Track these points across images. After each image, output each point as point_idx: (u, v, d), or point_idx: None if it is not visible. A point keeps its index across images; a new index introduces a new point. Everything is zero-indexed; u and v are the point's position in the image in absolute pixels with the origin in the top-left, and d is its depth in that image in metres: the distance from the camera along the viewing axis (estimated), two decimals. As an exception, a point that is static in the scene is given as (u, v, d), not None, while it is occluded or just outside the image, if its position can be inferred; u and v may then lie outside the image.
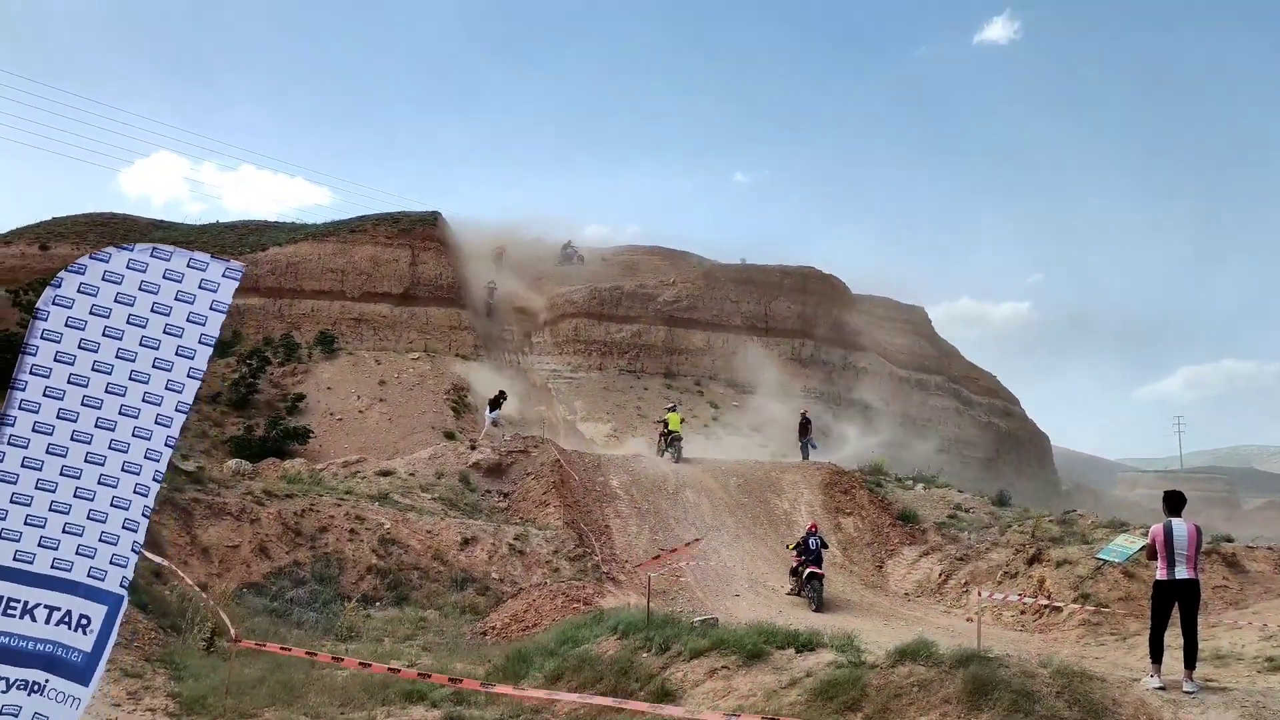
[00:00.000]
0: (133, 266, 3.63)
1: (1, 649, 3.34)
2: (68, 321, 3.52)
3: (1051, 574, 18.96)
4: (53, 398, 3.48)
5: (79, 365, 3.51)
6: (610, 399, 47.66)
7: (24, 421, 3.44)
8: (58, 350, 3.49)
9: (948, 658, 9.46)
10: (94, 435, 3.51)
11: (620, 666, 12.07)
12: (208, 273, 3.73)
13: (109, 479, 3.52)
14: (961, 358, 75.11)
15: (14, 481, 3.40)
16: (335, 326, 47.46)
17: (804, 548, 21.18)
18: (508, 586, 19.76)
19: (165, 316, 3.65)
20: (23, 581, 3.38)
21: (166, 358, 3.64)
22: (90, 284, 3.57)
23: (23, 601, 3.37)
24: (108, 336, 3.56)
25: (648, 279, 59.05)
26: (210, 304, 3.74)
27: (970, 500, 27.50)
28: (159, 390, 3.63)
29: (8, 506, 3.39)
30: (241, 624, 14.00)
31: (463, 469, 25.96)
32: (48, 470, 3.45)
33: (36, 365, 3.48)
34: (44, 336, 3.50)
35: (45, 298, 3.51)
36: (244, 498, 19.66)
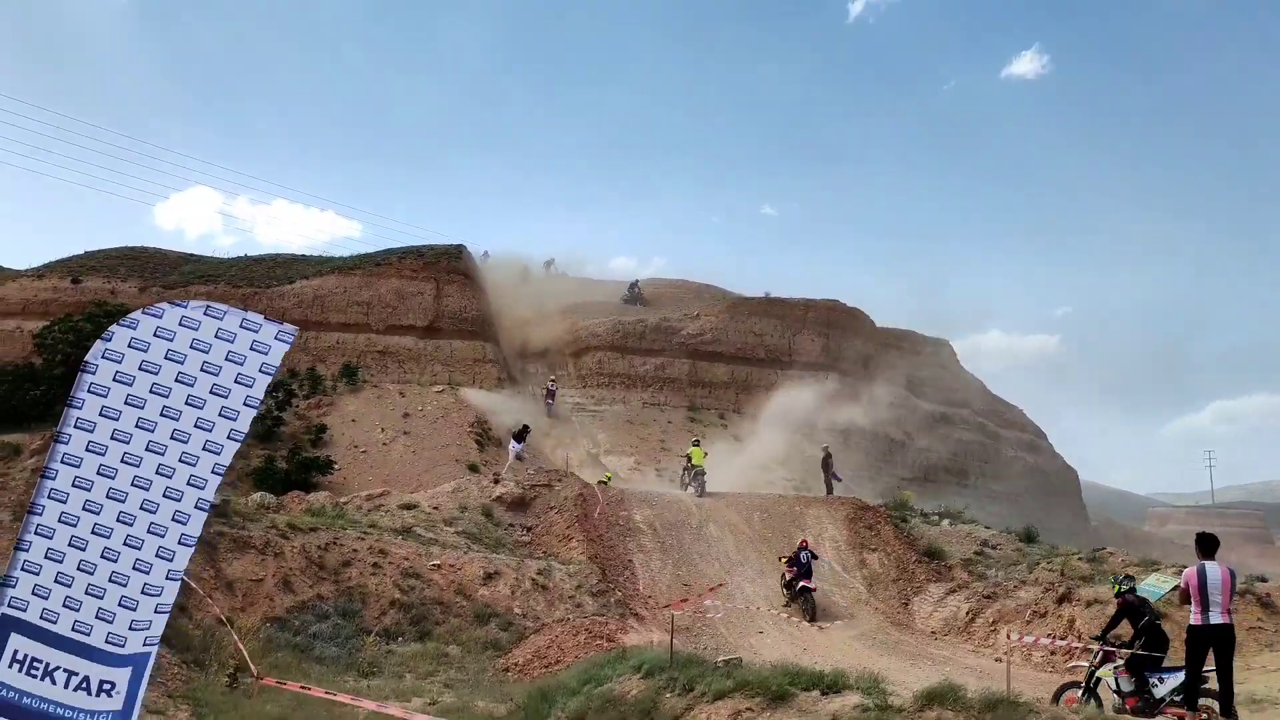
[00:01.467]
0: (185, 324, 3.56)
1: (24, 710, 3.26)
2: (116, 376, 3.46)
3: (1082, 613, 18.64)
4: (95, 453, 3.40)
5: (123, 421, 3.43)
6: (634, 432, 47.60)
7: (65, 475, 3.39)
8: (104, 405, 3.43)
9: (976, 702, 9.30)
10: (129, 494, 3.43)
11: (643, 708, 11.95)
12: (259, 334, 3.66)
13: (134, 540, 3.44)
14: (987, 391, 74.58)
15: (50, 536, 3.34)
16: (360, 359, 47.74)
17: (795, 561, 22.48)
18: (530, 622, 19.65)
19: (214, 377, 3.57)
20: (45, 641, 3.31)
21: (209, 418, 3.56)
22: (141, 339, 3.50)
23: (45, 663, 3.30)
24: (154, 394, 3.48)
25: (671, 312, 59.13)
26: (260, 366, 3.66)
27: (997, 536, 27.18)
28: (196, 451, 3.55)
29: (42, 562, 3.32)
30: (264, 658, 13.99)
31: (486, 502, 25.93)
32: (81, 527, 3.38)
33: (81, 419, 3.41)
34: (91, 390, 3.44)
35: (95, 351, 3.46)
36: (268, 531, 19.69)
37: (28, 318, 45.96)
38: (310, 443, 39.45)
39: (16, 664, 3.26)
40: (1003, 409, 74.20)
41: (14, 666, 3.25)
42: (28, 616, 3.28)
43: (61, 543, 3.35)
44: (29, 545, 3.33)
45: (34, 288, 48.58)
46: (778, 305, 61.51)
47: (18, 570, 3.28)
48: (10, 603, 3.28)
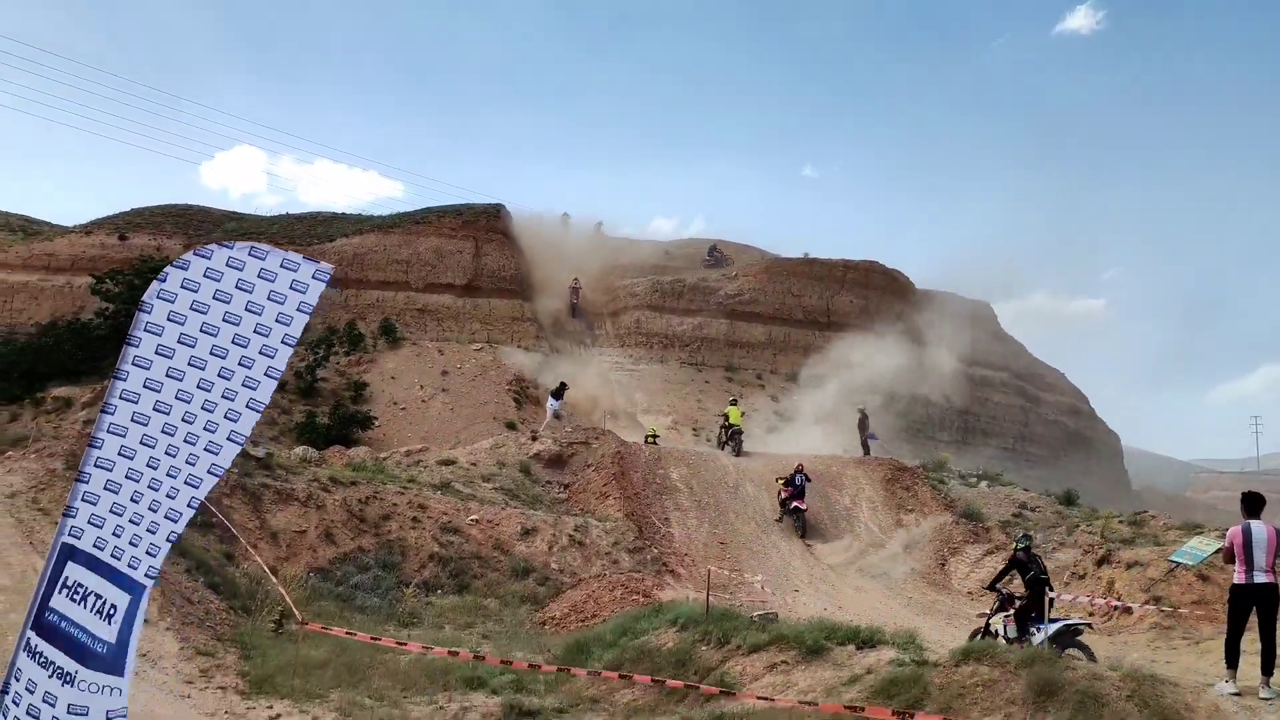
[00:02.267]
0: (231, 264, 3.64)
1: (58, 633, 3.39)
2: (169, 315, 3.56)
3: (1121, 576, 18.53)
4: (151, 389, 3.52)
5: (176, 359, 3.55)
6: (671, 391, 47.61)
7: (124, 411, 3.50)
8: (159, 343, 3.54)
9: (1013, 658, 9.30)
10: (179, 428, 3.54)
11: (679, 659, 12.09)
12: (299, 273, 3.72)
13: (174, 470, 3.55)
14: (1028, 354, 73.67)
15: (109, 469, 3.46)
16: (399, 317, 48.04)
17: (791, 482, 24.70)
18: (567, 577, 19.85)
19: (256, 316, 3.66)
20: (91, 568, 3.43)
21: (251, 355, 3.65)
22: (192, 280, 3.59)
23: (85, 588, 3.43)
24: (204, 332, 3.59)
25: (709, 272, 58.84)
26: (298, 305, 3.74)
27: (1036, 499, 26.99)
28: (237, 387, 3.64)
29: (100, 493, 3.45)
30: (308, 607, 14.29)
31: (524, 459, 26.13)
32: (138, 460, 3.49)
33: (139, 356, 3.53)
34: (147, 329, 3.54)
35: (151, 291, 3.55)
36: (311, 484, 20.01)
37: (77, 273, 46.67)
38: (350, 399, 39.90)
39: (67, 590, 3.41)
40: (1043, 372, 73.31)
41: (63, 593, 3.40)
42: (82, 545, 3.43)
43: (120, 475, 3.46)
44: (89, 477, 3.46)
45: (82, 244, 49.29)
46: (816, 266, 60.97)
47: (78, 501, 3.42)
48: (70, 531, 3.44)
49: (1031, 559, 13.13)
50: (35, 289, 46.99)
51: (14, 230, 53.08)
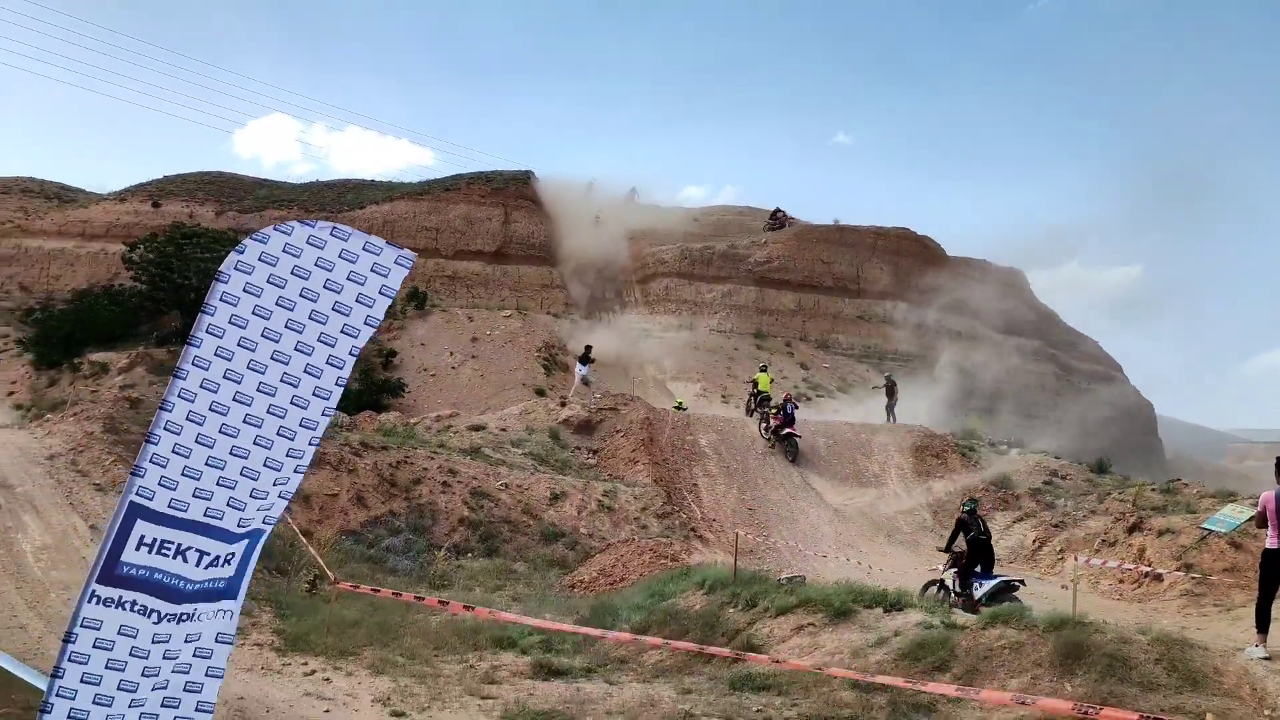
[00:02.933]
0: (312, 242, 3.72)
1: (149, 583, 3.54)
2: (246, 287, 3.63)
3: (1152, 543, 18.39)
4: (222, 358, 3.61)
5: (250, 330, 3.63)
6: (700, 358, 47.58)
7: (194, 377, 3.59)
8: (233, 313, 3.61)
9: (1041, 621, 9.29)
10: (254, 398, 3.64)
11: (706, 620, 12.17)
12: (380, 257, 3.82)
13: (263, 440, 3.67)
14: (1061, 322, 72.95)
15: (178, 433, 3.56)
16: (429, 284, 48.27)
17: (782, 410, 26.42)
18: (596, 542, 19.99)
19: (336, 294, 3.74)
20: (175, 526, 3.56)
21: (331, 333, 3.75)
22: (270, 253, 3.67)
23: (175, 544, 3.57)
24: (280, 306, 3.67)
25: (739, 239, 58.58)
26: (379, 288, 3.83)
27: (1067, 467, 26.80)
28: (320, 363, 3.75)
29: (169, 456, 3.55)
30: (340, 568, 14.49)
31: (553, 425, 26.25)
32: (208, 426, 3.59)
33: (213, 325, 3.60)
34: (223, 299, 3.61)
35: (229, 261, 3.62)
36: (342, 448, 20.22)
37: (111, 240, 47.22)
38: (381, 365, 40.23)
39: (145, 546, 3.53)
40: (1077, 340, 72.59)
41: (142, 549, 3.52)
42: (154, 505, 3.53)
43: (189, 439, 3.56)
44: (158, 439, 3.57)
45: (116, 211, 49.82)
46: (847, 233, 60.53)
47: (146, 462, 3.54)
48: (138, 491, 3.53)
49: (975, 520, 14.74)
50: (71, 256, 47.59)
51: (49, 198, 53.67)
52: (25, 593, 11.52)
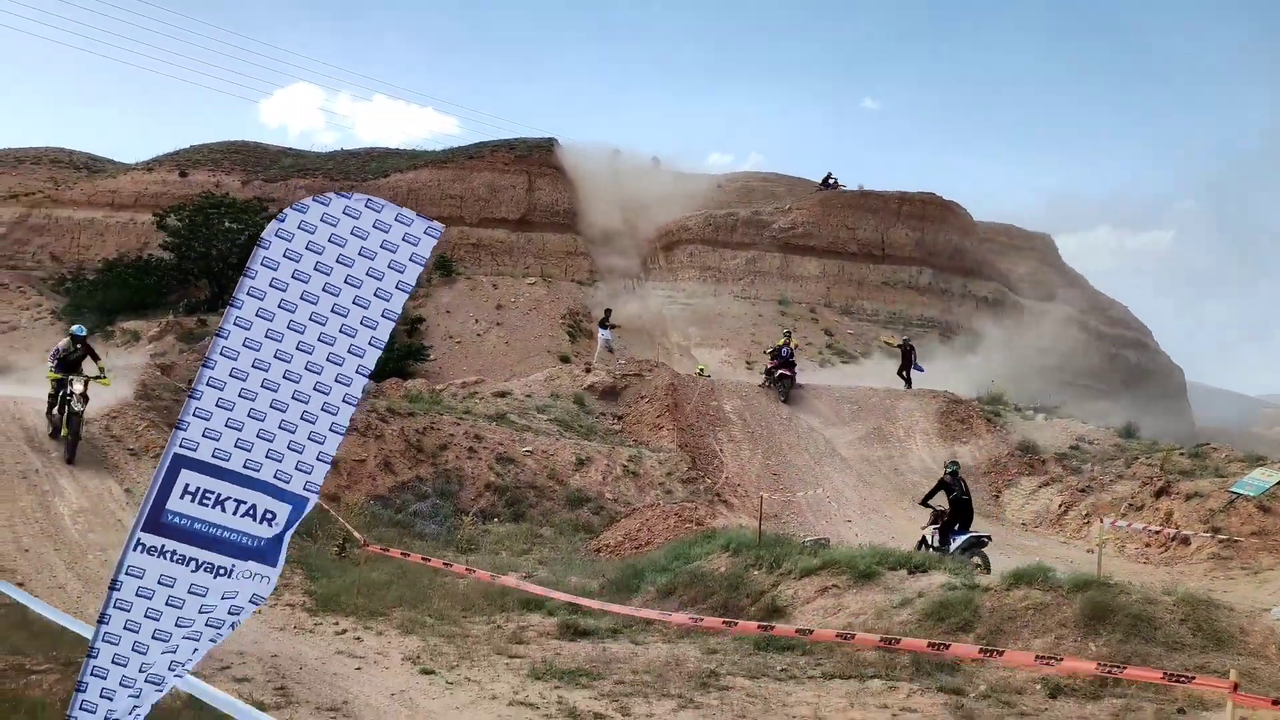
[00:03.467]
0: (348, 213, 3.94)
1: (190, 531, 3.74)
2: (285, 252, 3.83)
3: (1180, 507, 18.31)
4: (263, 318, 3.81)
5: (290, 292, 3.84)
6: (724, 325, 47.52)
7: (236, 336, 3.79)
8: (274, 277, 3.82)
9: (1065, 582, 9.32)
10: (294, 356, 3.87)
11: (731, 582, 12.27)
12: (412, 228, 4.05)
13: (301, 395, 3.89)
14: (1089, 287, 72.26)
15: (221, 388, 3.77)
16: (453, 252, 48.34)
17: (778, 354, 27.94)
18: (621, 506, 20.13)
19: (370, 261, 3.96)
20: (217, 476, 3.77)
21: (366, 296, 3.96)
22: (309, 222, 3.89)
23: (216, 494, 3.77)
24: (318, 271, 3.88)
25: (763, 205, 58.24)
26: (410, 255, 4.05)
27: (1094, 432, 26.65)
28: (355, 325, 3.96)
29: (213, 409, 3.76)
30: (368, 533, 14.69)
31: (577, 391, 26.35)
32: (250, 381, 3.81)
33: (254, 288, 3.80)
34: (264, 263, 3.81)
35: (269, 229, 3.84)
36: (369, 415, 20.42)
37: (140, 210, 47.56)
38: (406, 333, 40.46)
39: (189, 495, 3.74)
40: (1105, 305, 71.90)
41: (186, 498, 3.74)
42: (199, 455, 3.74)
43: (231, 393, 3.78)
44: (200, 394, 3.76)
45: (144, 180, 50.14)
46: (871, 198, 60.01)
47: (189, 416, 3.76)
48: (182, 444, 3.73)
49: (956, 482, 16.09)
50: (100, 226, 48.00)
51: (78, 168, 54.05)
52: (64, 554, 11.78)
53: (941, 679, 8.71)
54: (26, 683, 6.99)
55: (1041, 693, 8.31)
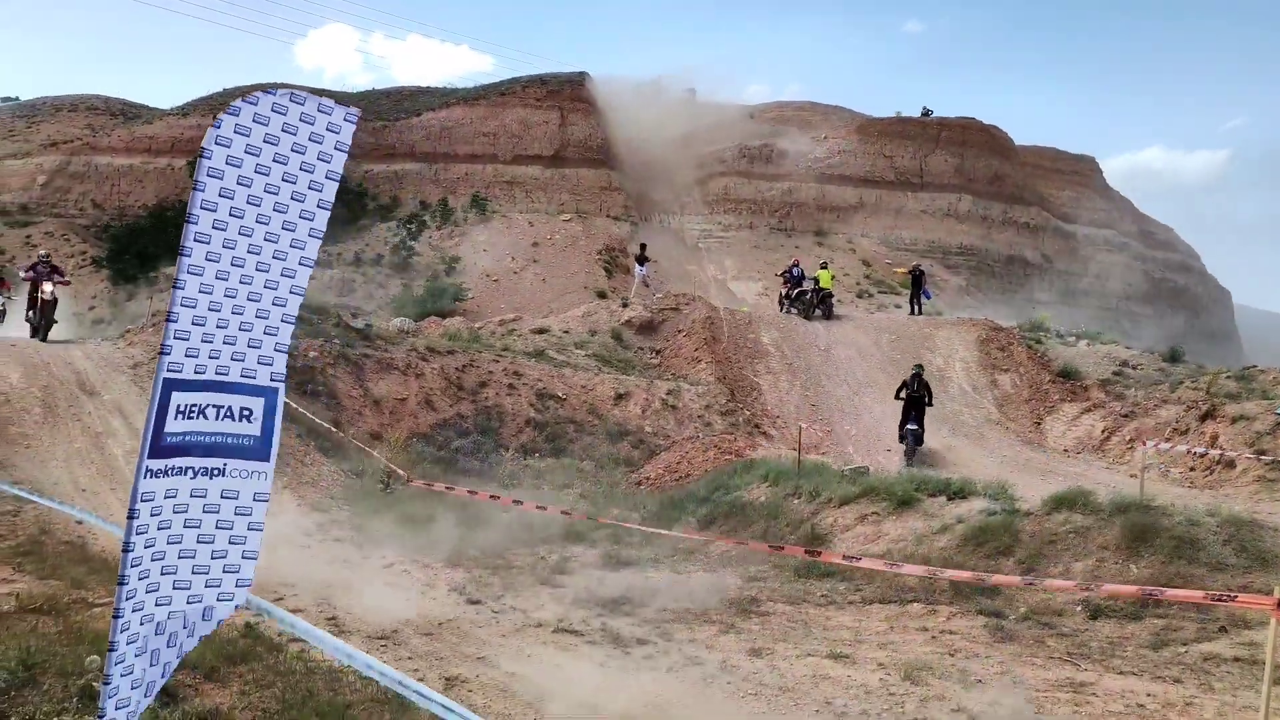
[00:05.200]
0: (275, 109, 4.01)
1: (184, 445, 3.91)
2: (227, 159, 3.90)
3: (1226, 430, 18.09)
4: (219, 229, 3.91)
5: (237, 199, 3.94)
6: (761, 257, 47.25)
7: (198, 252, 3.88)
8: (221, 186, 3.89)
9: (1107, 506, 9.29)
10: (246, 260, 4.00)
11: (770, 511, 12.36)
12: (333, 116, 4.15)
13: (254, 295, 4.05)
14: (1135, 210, 70.82)
15: (194, 305, 3.89)
16: (488, 190, 48.32)
17: (789, 277, 29.35)
18: (660, 440, 20.25)
19: (301, 155, 4.09)
20: (198, 389, 3.95)
21: (302, 191, 4.11)
22: (244, 125, 3.94)
23: (198, 405, 3.94)
24: (258, 173, 3.98)
25: (798, 135, 57.45)
26: (335, 144, 4.17)
27: (1138, 357, 26.29)
28: (295, 219, 4.11)
29: (190, 329, 3.89)
30: (411, 470, 14.94)
31: (615, 326, 26.39)
32: (216, 293, 3.94)
33: (205, 200, 3.86)
34: (209, 174, 3.87)
35: (208, 137, 3.88)
36: (409, 354, 20.61)
37: (176, 155, 47.93)
38: (444, 272, 40.63)
39: (181, 414, 3.92)
40: (1152, 229, 70.49)
41: (179, 418, 3.91)
42: (183, 375, 3.90)
43: (203, 309, 3.92)
44: (177, 316, 3.88)
45: (179, 125, 50.40)
46: (909, 125, 58.97)
47: (170, 339, 3.90)
48: (169, 368, 3.87)
49: (913, 381, 19.36)
50: (139, 172, 48.42)
51: (114, 115, 54.40)
52: (119, 494, 12.10)
53: (981, 602, 8.77)
54: (90, 615, 7.25)
55: (1082, 614, 8.34)
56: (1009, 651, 7.66)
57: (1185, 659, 7.35)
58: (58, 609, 7.20)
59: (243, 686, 5.98)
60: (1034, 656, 7.53)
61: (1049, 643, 7.86)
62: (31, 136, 51.77)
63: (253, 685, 6.03)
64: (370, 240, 43.39)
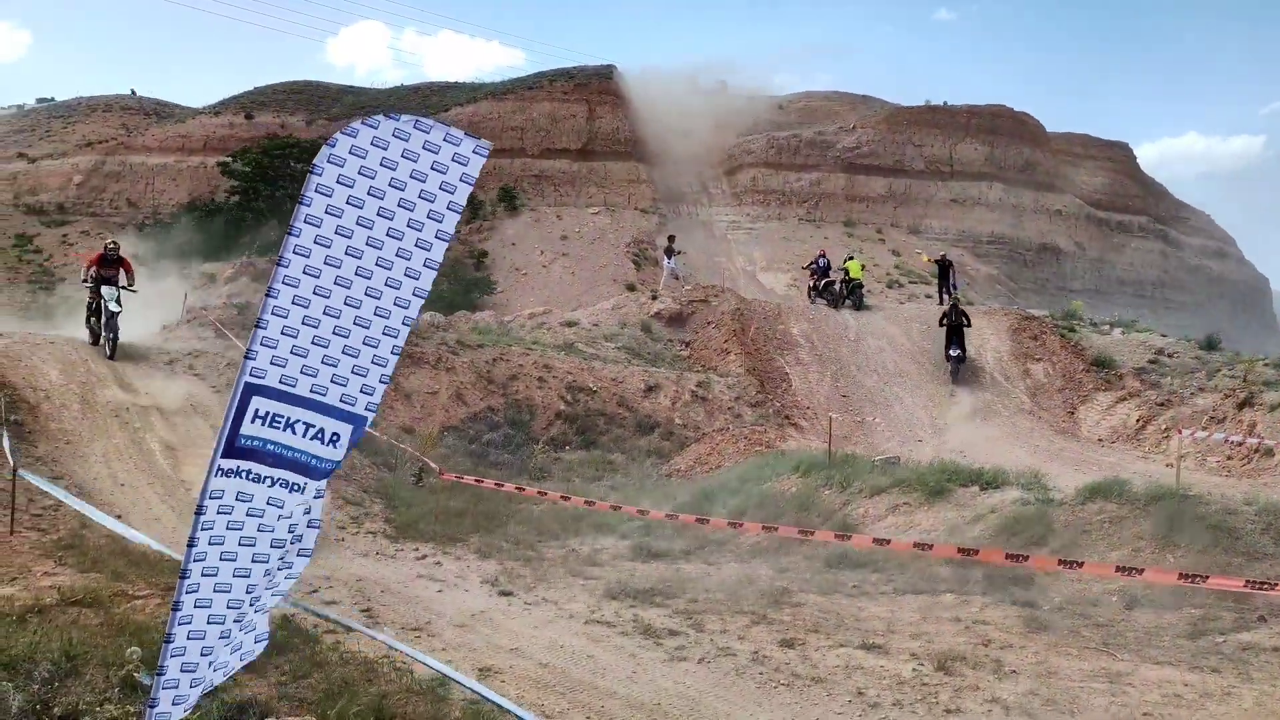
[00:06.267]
0: (397, 135, 3.95)
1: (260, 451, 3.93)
2: (339, 178, 3.87)
3: (1264, 418, 17.83)
4: (321, 245, 3.88)
5: (345, 218, 3.89)
6: (789, 248, 47.08)
7: (296, 263, 3.86)
8: (328, 203, 3.87)
9: (1141, 495, 9.20)
10: (353, 282, 3.94)
11: (801, 503, 12.35)
12: (460, 147, 4.04)
13: (363, 320, 3.98)
14: (1170, 197, 69.89)
15: (285, 316, 3.87)
16: (517, 183, 48.47)
17: (816, 268, 29.31)
18: (691, 431, 20.25)
19: (421, 183, 3.99)
20: (285, 401, 3.93)
21: (419, 219, 4.00)
22: (360, 146, 3.90)
23: (286, 417, 3.93)
24: (371, 195, 3.91)
25: (826, 125, 57.15)
26: (460, 175, 4.05)
27: (1174, 345, 25.93)
28: (410, 247, 4.01)
29: (279, 338, 3.88)
30: (443, 463, 15.04)
31: (644, 319, 26.38)
32: (313, 308, 3.90)
33: (310, 215, 3.85)
34: (318, 190, 3.85)
35: (321, 155, 3.85)
36: (439, 348, 20.73)
37: (210, 153, 48.46)
38: (473, 266, 40.84)
39: (260, 419, 3.91)
40: (1187, 215, 69.54)
41: (257, 422, 3.91)
42: (267, 382, 3.89)
43: (295, 321, 3.89)
44: (266, 324, 3.88)
45: (212, 124, 50.97)
46: (938, 114, 58.53)
47: (257, 345, 3.89)
48: (252, 372, 3.87)
49: (954, 309, 23.26)
50: (173, 170, 49.00)
51: (148, 114, 55.06)
52: (158, 488, 12.28)
53: (1015, 592, 8.72)
54: (131, 607, 7.37)
55: (1117, 604, 8.27)
56: (1043, 642, 7.61)
57: (1223, 648, 7.28)
58: (99, 602, 7.31)
59: (280, 677, 6.06)
60: (1069, 647, 7.48)
61: (1084, 633, 7.80)
62: (67, 137, 52.53)
63: (290, 676, 6.11)
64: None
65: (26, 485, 9.90)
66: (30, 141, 52.57)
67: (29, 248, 45.81)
